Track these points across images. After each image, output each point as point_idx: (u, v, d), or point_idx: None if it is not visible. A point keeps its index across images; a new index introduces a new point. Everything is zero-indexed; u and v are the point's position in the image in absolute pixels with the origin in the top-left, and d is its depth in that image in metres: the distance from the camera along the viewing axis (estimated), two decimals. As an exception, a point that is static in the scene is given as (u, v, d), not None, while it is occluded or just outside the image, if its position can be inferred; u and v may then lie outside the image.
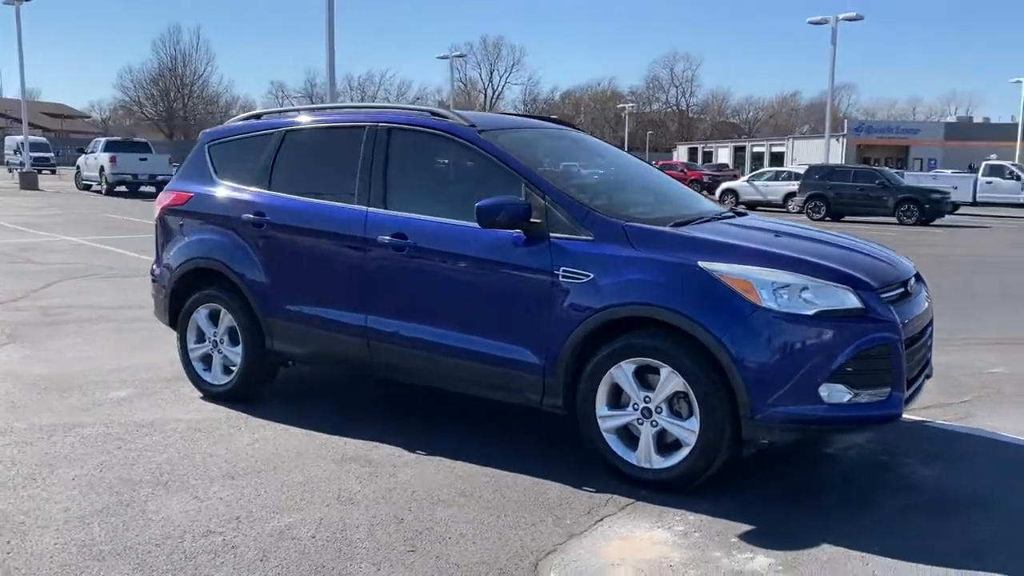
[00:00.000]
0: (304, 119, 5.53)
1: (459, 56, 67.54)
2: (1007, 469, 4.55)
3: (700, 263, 3.95)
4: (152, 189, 29.97)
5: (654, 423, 4.03)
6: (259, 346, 5.28)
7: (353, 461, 4.46)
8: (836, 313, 3.82)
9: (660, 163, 50.35)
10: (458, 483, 4.18)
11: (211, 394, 5.51)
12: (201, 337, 5.56)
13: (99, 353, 6.72)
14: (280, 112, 5.93)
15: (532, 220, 4.28)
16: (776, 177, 32.53)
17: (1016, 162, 38.34)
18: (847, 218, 26.06)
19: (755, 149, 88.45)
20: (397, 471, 4.32)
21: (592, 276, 4.10)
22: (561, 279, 4.18)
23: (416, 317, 4.67)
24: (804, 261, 3.98)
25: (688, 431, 3.94)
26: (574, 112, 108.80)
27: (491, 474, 4.28)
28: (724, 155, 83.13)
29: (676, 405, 4.00)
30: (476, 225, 4.44)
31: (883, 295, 3.97)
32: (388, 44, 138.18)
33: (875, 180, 25.93)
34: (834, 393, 3.80)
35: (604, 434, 4.16)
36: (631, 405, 4.10)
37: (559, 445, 4.69)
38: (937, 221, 24.93)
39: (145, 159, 31.64)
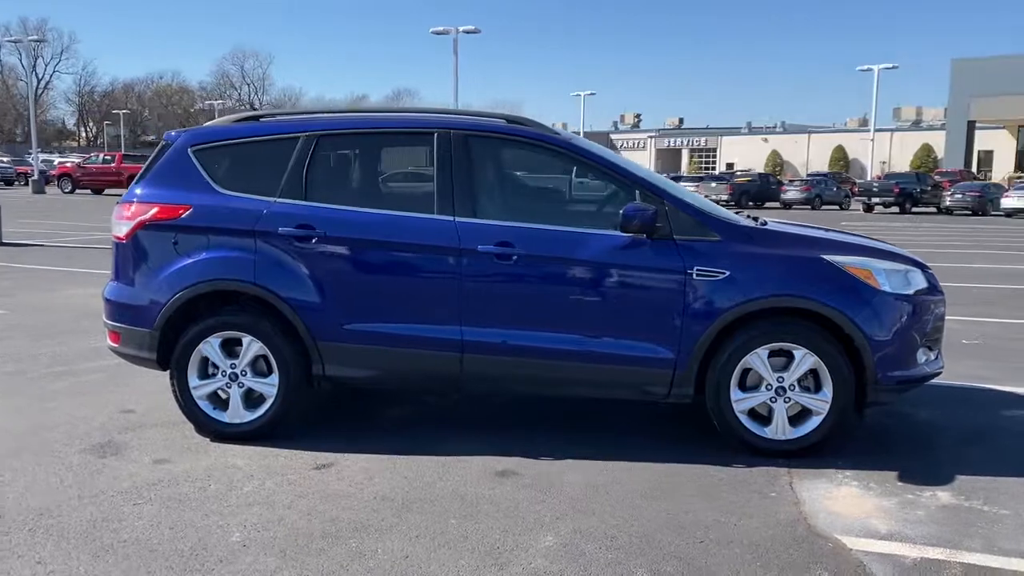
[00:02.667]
0: (341, 124, 5.05)
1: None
2: (964, 405, 5.82)
3: (823, 256, 4.58)
4: None
5: (787, 399, 4.58)
6: (303, 373, 4.78)
7: (513, 475, 4.38)
8: (922, 291, 4.71)
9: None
10: (655, 479, 4.36)
11: (226, 435, 4.85)
12: (206, 372, 4.84)
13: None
14: (291, 115, 5.27)
15: (657, 224, 4.55)
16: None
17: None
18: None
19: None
20: (581, 478, 4.35)
21: (728, 273, 4.52)
22: (695, 277, 4.52)
23: (527, 325, 4.66)
24: (893, 251, 4.83)
25: (821, 402, 4.55)
26: (139, 106, 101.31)
27: (666, 469, 4.49)
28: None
29: (804, 381, 4.59)
30: (584, 230, 4.62)
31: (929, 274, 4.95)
32: None
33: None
34: (922, 355, 4.70)
35: (738, 415, 4.61)
36: (763, 386, 4.60)
37: (664, 436, 5.04)
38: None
39: None
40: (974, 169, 51.66)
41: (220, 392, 4.86)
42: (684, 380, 4.61)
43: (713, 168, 71.54)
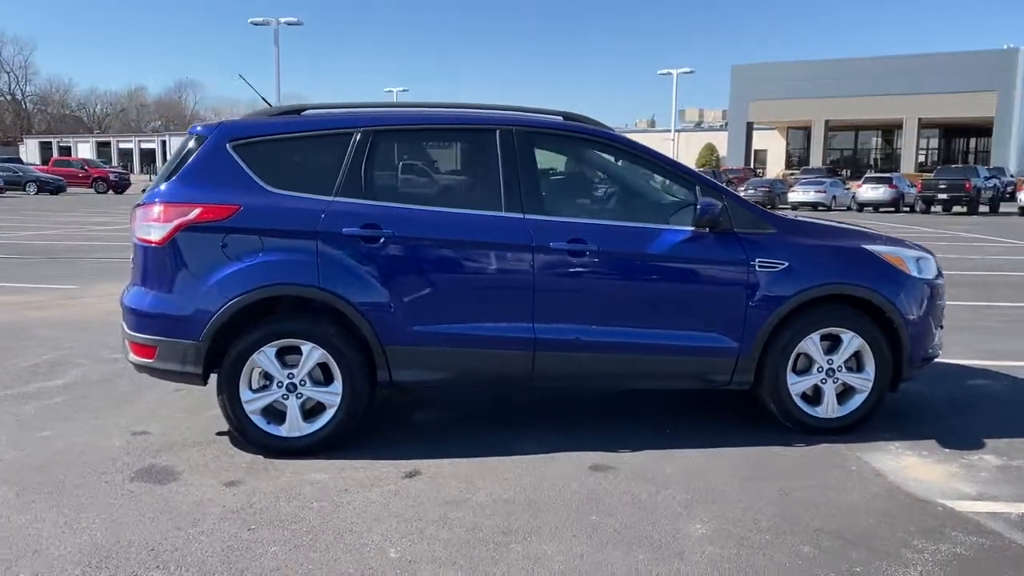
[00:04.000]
0: (397, 119, 4.83)
1: None
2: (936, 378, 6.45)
3: (864, 246, 4.97)
4: None
5: (835, 380, 4.93)
6: (368, 379, 4.58)
7: (608, 469, 4.42)
8: (938, 276, 5.21)
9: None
10: (738, 462, 4.54)
11: (283, 450, 4.55)
12: (259, 384, 4.52)
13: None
14: (338, 109, 4.94)
15: (721, 218, 4.75)
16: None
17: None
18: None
19: (122, 145, 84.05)
20: (675, 468, 4.45)
21: (787, 264, 4.79)
22: (758, 269, 4.76)
23: (598, 321, 4.70)
24: (913, 242, 5.28)
25: (865, 381, 4.94)
26: None
27: (740, 453, 4.69)
28: (86, 150, 77.46)
29: (849, 362, 4.95)
30: (650, 225, 4.75)
31: None
32: None
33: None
34: (937, 335, 5.21)
35: (794, 398, 4.90)
36: (815, 369, 4.91)
37: (707, 423, 5.27)
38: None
39: None
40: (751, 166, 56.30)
41: (275, 405, 4.55)
42: (746, 368, 4.83)
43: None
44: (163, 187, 4.55)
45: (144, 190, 5.10)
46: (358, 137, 4.63)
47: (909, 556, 3.49)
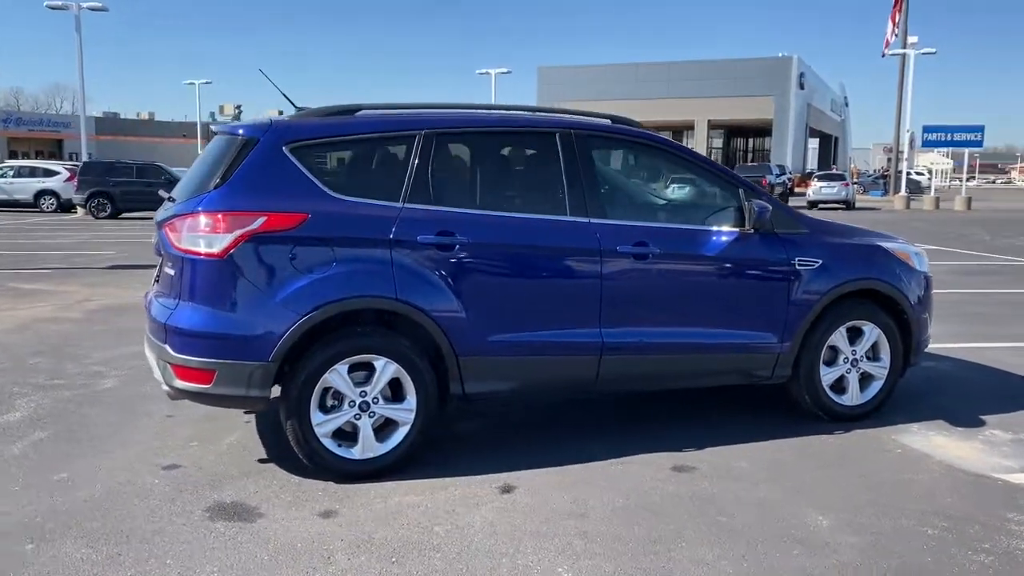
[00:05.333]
0: (458, 121, 4.61)
1: None
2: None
3: (880, 243, 5.31)
4: None
5: (858, 370, 5.26)
6: (439, 393, 4.38)
7: (690, 470, 4.48)
8: (927, 270, 5.67)
9: None
10: (796, 453, 4.74)
11: (356, 474, 4.27)
12: (328, 405, 4.22)
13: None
14: (394, 109, 4.59)
15: (770, 220, 4.93)
16: (21, 173, 29.22)
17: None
18: (128, 215, 25.72)
19: None
20: (746, 463, 4.57)
21: (821, 262, 5.04)
22: (798, 267, 4.99)
23: (660, 323, 4.75)
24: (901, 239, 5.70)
25: (882, 369, 5.29)
26: None
27: (787, 444, 4.89)
28: None
29: (868, 352, 5.29)
30: (704, 227, 4.87)
31: None
32: None
33: (160, 176, 25.93)
34: (930, 323, 5.68)
35: (825, 388, 5.18)
36: (841, 360, 5.21)
37: (735, 417, 5.44)
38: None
39: None
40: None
41: (346, 426, 4.26)
42: (785, 362, 5.05)
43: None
44: (218, 194, 4.11)
45: (170, 199, 4.59)
46: (421, 140, 4.40)
47: (1015, 528, 3.80)
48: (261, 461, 4.53)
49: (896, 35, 42.97)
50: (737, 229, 4.86)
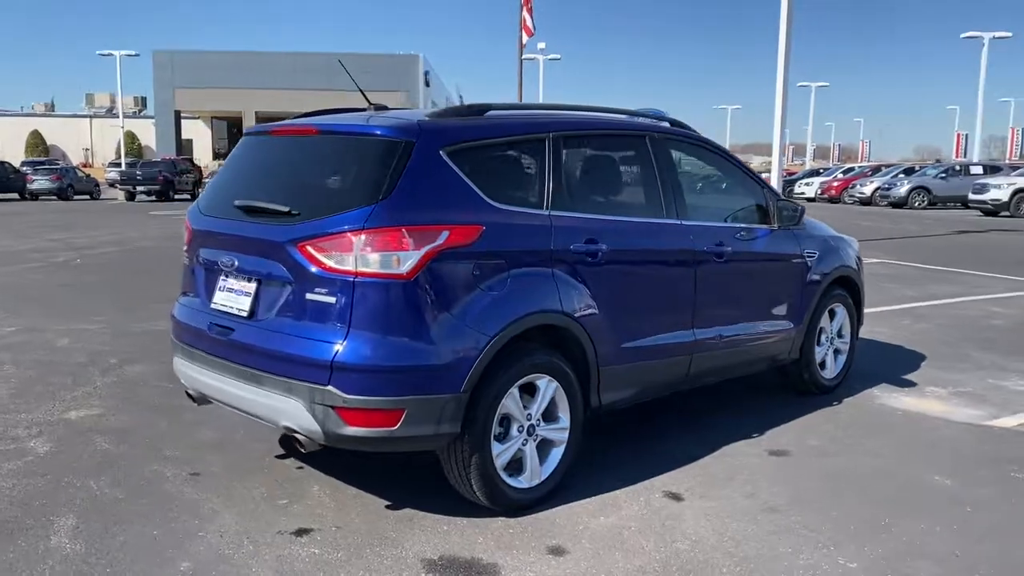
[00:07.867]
0: (578, 123, 4.45)
1: None
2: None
3: (836, 235, 6.03)
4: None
5: (833, 345, 5.96)
6: (584, 409, 4.24)
7: (786, 454, 4.79)
8: None
9: None
10: (833, 433, 5.25)
11: (524, 504, 3.97)
12: (496, 434, 3.87)
13: None
14: (517, 110, 4.11)
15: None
16: None
17: None
18: None
19: None
20: (816, 438, 4.96)
21: (818, 253, 5.64)
22: (806, 259, 5.53)
23: (731, 318, 5.00)
24: None
25: (846, 343, 6.07)
26: None
27: (802, 423, 5.34)
28: None
29: (840, 330, 6.02)
30: (751, 224, 5.24)
31: None
32: None
33: None
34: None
35: (817, 365, 5.80)
36: (824, 339, 5.87)
37: (727, 406, 5.82)
38: None
39: None
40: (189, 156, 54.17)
41: (517, 454, 3.93)
42: (797, 345, 5.58)
43: None
44: (387, 206, 3.52)
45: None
46: (550, 142, 4.15)
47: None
48: (391, 507, 3.98)
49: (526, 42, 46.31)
50: (768, 226, 5.27)
